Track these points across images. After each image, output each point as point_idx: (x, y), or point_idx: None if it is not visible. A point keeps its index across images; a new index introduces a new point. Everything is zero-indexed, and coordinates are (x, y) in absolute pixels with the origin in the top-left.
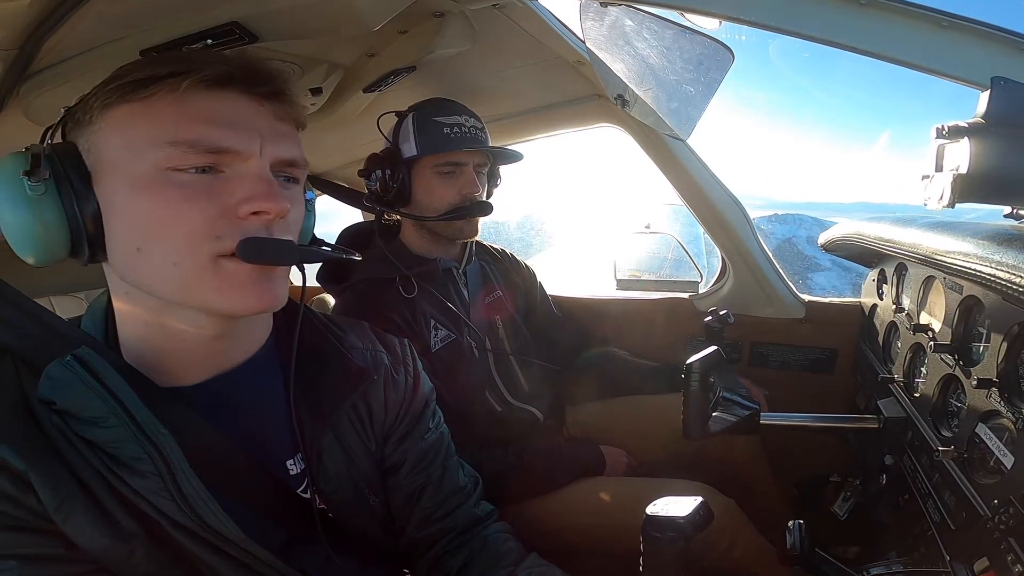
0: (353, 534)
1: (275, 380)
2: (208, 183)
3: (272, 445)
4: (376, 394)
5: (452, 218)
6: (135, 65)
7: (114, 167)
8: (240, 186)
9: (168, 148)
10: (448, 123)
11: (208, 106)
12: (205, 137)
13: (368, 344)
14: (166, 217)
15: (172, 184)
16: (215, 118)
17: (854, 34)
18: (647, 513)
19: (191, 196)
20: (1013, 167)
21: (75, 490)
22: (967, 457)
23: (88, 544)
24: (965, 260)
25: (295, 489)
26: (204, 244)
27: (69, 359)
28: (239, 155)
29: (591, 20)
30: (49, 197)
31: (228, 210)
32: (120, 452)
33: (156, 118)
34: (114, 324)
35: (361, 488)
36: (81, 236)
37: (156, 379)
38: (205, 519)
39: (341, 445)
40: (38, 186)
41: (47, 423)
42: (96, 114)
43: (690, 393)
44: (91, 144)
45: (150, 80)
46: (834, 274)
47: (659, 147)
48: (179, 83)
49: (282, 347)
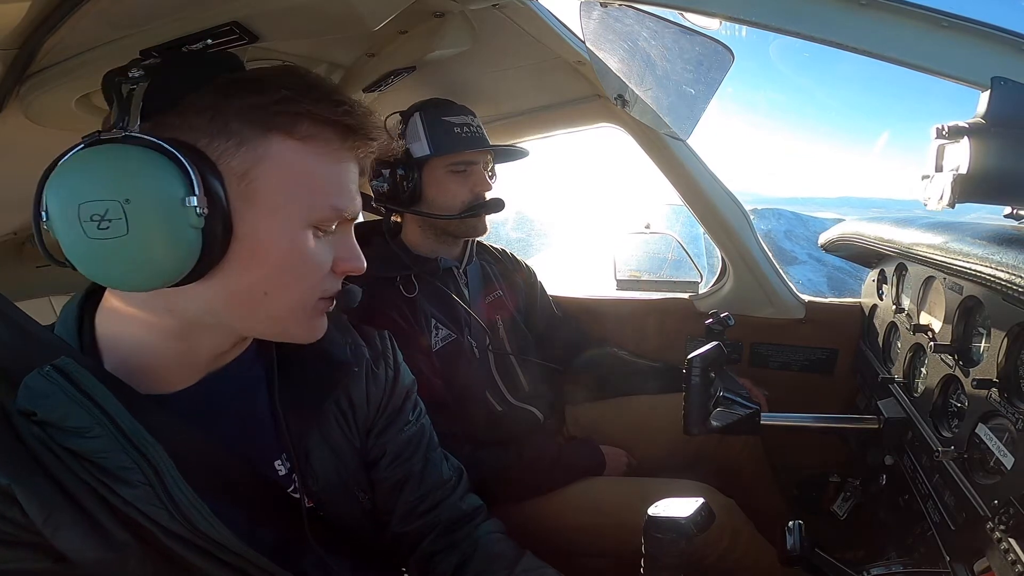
0: (344, 534)
1: (258, 381)
2: (328, 240)
3: (259, 447)
4: (358, 388)
5: (469, 215)
6: (291, 86)
7: (272, 209)
8: (342, 246)
9: (328, 211)
10: (457, 123)
11: (349, 171)
12: (348, 204)
13: (348, 337)
14: (306, 271)
15: (314, 240)
16: (351, 185)
17: (854, 34)
18: (648, 514)
19: (323, 252)
20: (1013, 167)
21: (62, 502)
22: (967, 457)
23: (79, 556)
24: (965, 260)
25: (285, 489)
26: (318, 292)
27: (48, 369)
28: (350, 220)
29: (591, 20)
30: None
31: (333, 264)
32: (107, 462)
33: (320, 173)
34: (91, 329)
35: (349, 485)
36: (202, 267)
37: (137, 386)
38: (197, 526)
39: (327, 443)
40: (202, 218)
41: (27, 435)
42: (254, 136)
43: (691, 387)
44: (248, 172)
45: (313, 119)
46: (809, 267)
47: (659, 147)
48: (335, 136)
49: (263, 347)
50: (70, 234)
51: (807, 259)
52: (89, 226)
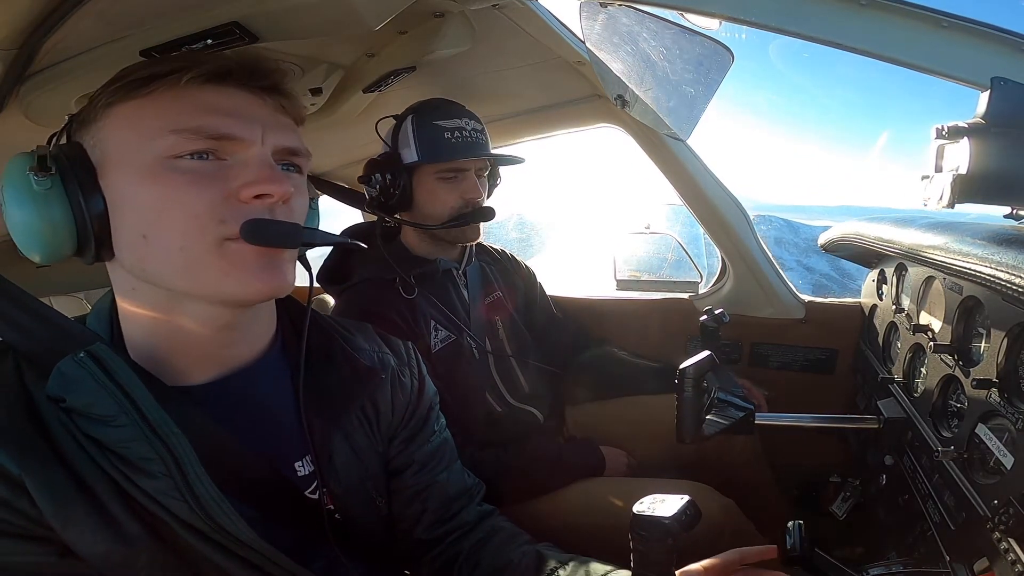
0: (361, 536)
1: (283, 381)
2: (211, 169)
3: (281, 446)
4: (383, 395)
5: (455, 226)
6: (137, 66)
7: (119, 160)
8: (243, 171)
9: (171, 136)
10: (449, 127)
11: (209, 98)
12: (207, 124)
13: (375, 346)
14: (171, 202)
15: (175, 171)
16: (216, 108)
17: (854, 34)
18: (633, 511)
19: (194, 180)
20: (1013, 167)
21: (74, 494)
22: (967, 457)
23: (88, 550)
24: (965, 260)
25: (303, 490)
26: (209, 228)
27: (83, 355)
28: (241, 142)
29: (591, 20)
30: (55, 193)
31: (231, 194)
32: (129, 452)
33: (159, 110)
34: (119, 325)
35: (368, 489)
36: (87, 232)
37: (164, 378)
38: (217, 520)
39: (351, 445)
40: (44, 181)
41: (53, 423)
42: (100, 112)
43: (684, 398)
44: (96, 140)
45: (151, 78)
46: (797, 274)
47: (659, 147)
48: (179, 78)
49: (289, 348)
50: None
51: (795, 266)
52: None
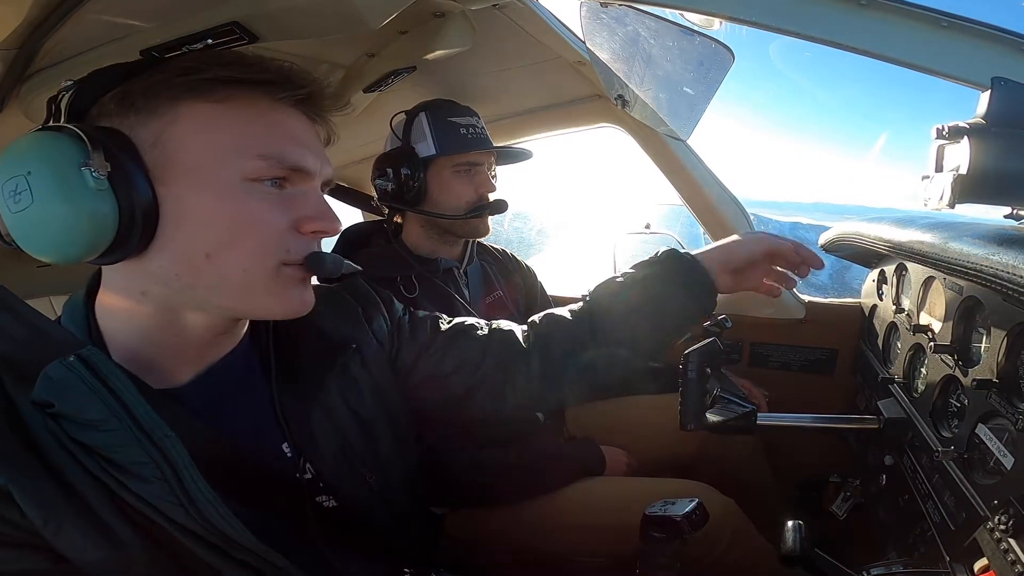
0: (355, 524)
1: (256, 369)
2: (282, 197)
3: (265, 433)
4: (368, 344)
5: (474, 216)
6: (197, 60)
7: (193, 170)
8: (304, 204)
9: (257, 160)
10: (463, 123)
11: (287, 123)
12: (288, 153)
13: (339, 306)
14: (246, 227)
15: (255, 195)
16: (295, 137)
17: (854, 34)
18: (645, 513)
19: (270, 208)
20: (1013, 167)
21: (63, 502)
22: (967, 457)
23: (81, 557)
24: (965, 260)
25: (293, 475)
26: (273, 254)
27: (72, 359)
28: (307, 174)
29: (591, 20)
30: (107, 193)
31: (294, 224)
32: (121, 457)
33: (241, 126)
34: (96, 326)
35: (356, 466)
36: (131, 239)
37: (148, 381)
38: (213, 522)
39: (331, 420)
40: (101, 180)
41: (38, 429)
42: (164, 105)
43: (687, 381)
44: (159, 138)
45: (225, 82)
46: None
47: (659, 147)
48: (256, 94)
49: (257, 335)
50: (3, 213)
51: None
52: (9, 201)
